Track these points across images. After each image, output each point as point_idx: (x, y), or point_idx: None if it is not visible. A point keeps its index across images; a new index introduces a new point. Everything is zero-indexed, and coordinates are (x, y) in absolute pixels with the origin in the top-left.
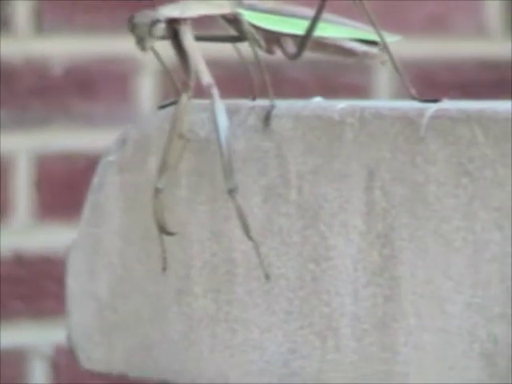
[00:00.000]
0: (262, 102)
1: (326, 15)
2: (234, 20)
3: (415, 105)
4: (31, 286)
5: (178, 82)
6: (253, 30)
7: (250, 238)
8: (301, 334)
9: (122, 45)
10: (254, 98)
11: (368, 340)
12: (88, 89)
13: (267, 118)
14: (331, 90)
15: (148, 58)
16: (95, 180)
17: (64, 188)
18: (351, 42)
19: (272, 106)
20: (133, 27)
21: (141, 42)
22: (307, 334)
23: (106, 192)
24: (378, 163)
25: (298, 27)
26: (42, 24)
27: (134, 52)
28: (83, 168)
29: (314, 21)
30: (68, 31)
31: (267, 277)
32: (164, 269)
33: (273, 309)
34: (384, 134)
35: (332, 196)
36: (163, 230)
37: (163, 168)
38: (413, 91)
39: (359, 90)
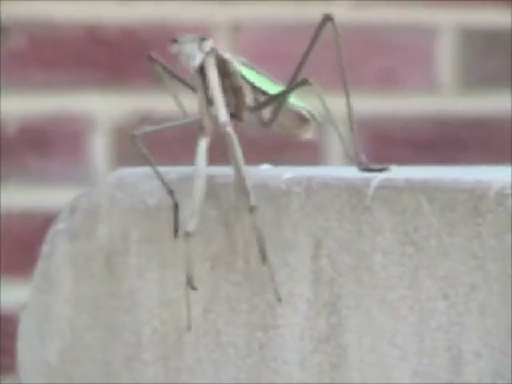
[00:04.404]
0: (212, 169)
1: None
2: (231, 72)
3: (362, 173)
4: None
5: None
6: (244, 83)
7: (264, 262)
8: None
9: (76, 103)
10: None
11: None
12: (43, 147)
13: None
14: (281, 148)
15: (102, 117)
16: (45, 248)
17: (20, 245)
18: (302, 109)
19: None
20: (180, 45)
21: (190, 59)
22: None
23: (56, 260)
24: (325, 232)
25: (274, 90)
26: None
27: (88, 110)
28: (38, 226)
29: (290, 88)
30: (23, 89)
31: (279, 299)
32: (188, 328)
33: (221, 376)
34: (331, 204)
35: (279, 264)
36: (190, 281)
37: (191, 213)
38: (362, 157)
39: (310, 147)
